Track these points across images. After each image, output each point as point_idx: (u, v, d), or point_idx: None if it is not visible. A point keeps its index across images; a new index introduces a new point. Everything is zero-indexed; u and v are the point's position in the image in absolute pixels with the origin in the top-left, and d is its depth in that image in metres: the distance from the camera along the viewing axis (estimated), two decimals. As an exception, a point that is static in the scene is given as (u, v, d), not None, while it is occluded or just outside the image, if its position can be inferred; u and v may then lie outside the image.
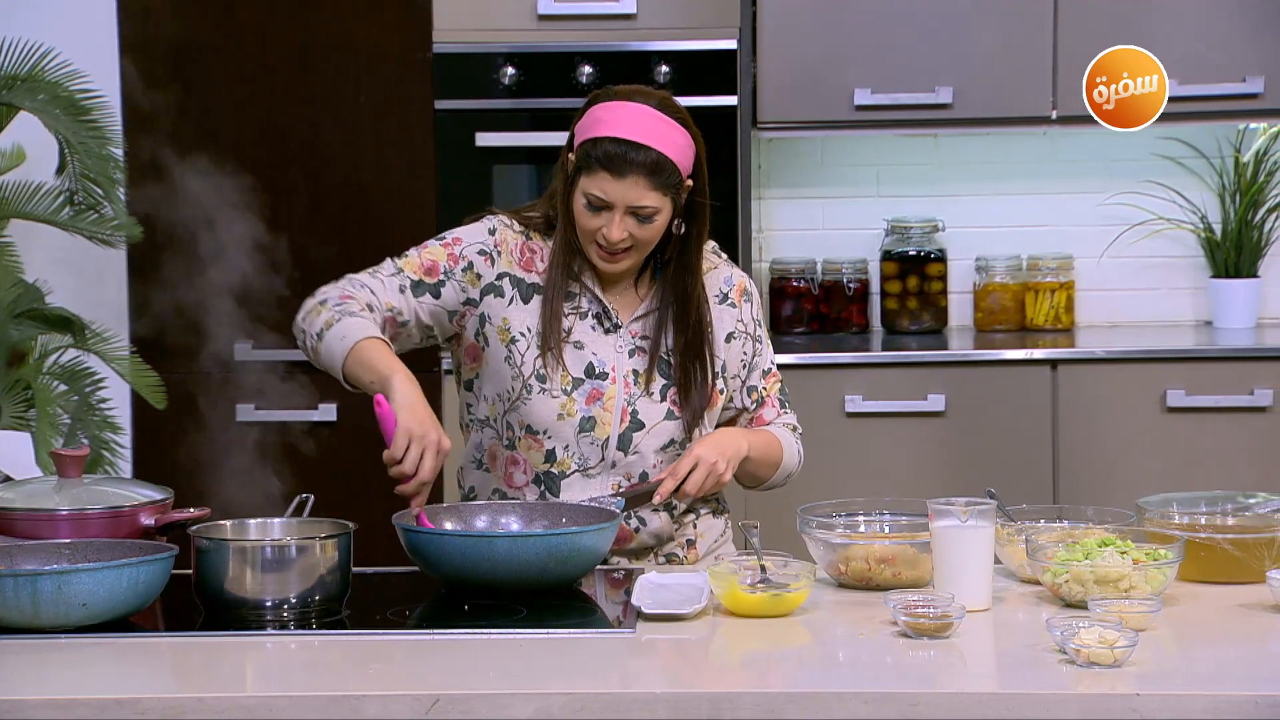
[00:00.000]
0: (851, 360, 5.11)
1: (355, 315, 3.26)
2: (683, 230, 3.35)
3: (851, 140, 5.57)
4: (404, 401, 3.13)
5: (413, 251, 3.38)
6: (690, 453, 3.32)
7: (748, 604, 2.93)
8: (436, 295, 3.36)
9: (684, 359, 3.39)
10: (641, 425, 3.37)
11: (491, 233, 3.40)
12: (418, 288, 3.35)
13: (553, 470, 3.36)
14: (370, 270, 3.37)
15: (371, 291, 3.32)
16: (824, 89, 5.18)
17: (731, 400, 3.48)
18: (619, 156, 3.26)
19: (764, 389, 3.49)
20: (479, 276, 3.37)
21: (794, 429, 3.52)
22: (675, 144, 3.29)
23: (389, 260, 3.38)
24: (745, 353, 3.47)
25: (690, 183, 3.34)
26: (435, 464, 3.11)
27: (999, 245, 5.59)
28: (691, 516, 3.46)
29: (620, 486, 3.37)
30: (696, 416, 3.39)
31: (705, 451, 3.31)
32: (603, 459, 3.36)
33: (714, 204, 3.40)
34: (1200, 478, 4.81)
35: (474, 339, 3.39)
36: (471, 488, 3.44)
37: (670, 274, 3.39)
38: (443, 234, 3.42)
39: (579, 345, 3.37)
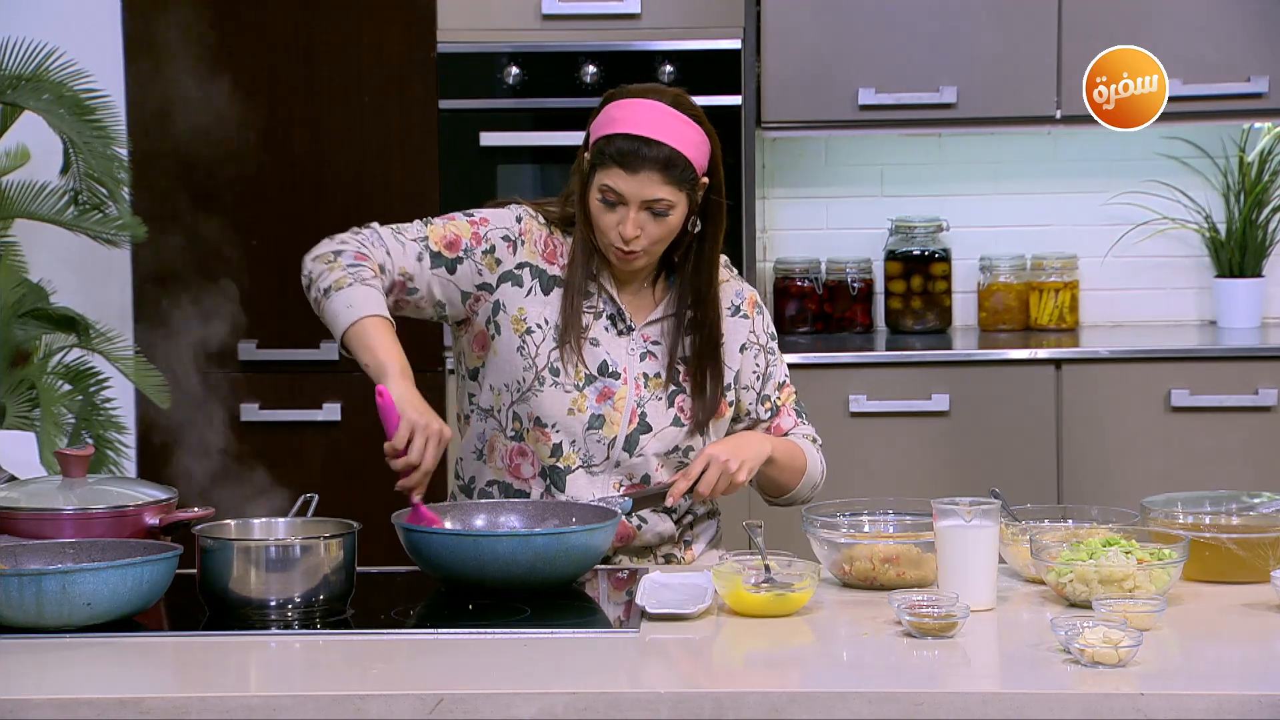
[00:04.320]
0: (855, 360, 5.11)
1: (367, 284, 3.27)
2: (698, 229, 3.36)
3: (856, 140, 5.57)
4: (402, 393, 3.16)
5: (439, 221, 3.38)
6: (704, 453, 3.31)
7: (752, 604, 2.93)
8: (452, 271, 3.36)
9: (699, 360, 3.39)
10: (649, 428, 3.37)
11: (518, 220, 3.40)
12: (436, 259, 3.35)
13: (558, 465, 3.36)
14: (396, 227, 3.37)
15: (388, 252, 3.33)
16: (828, 89, 5.18)
17: (747, 413, 3.47)
18: (632, 153, 3.27)
19: (778, 399, 3.49)
20: (498, 262, 3.38)
21: (814, 440, 3.52)
22: (689, 140, 3.29)
23: (418, 221, 3.38)
24: (758, 364, 3.47)
25: (706, 180, 3.34)
26: (436, 453, 3.14)
27: (1003, 245, 5.58)
28: (689, 518, 3.46)
29: (621, 486, 3.37)
30: (704, 421, 3.39)
31: (718, 451, 3.30)
32: (607, 458, 3.36)
33: (729, 203, 3.41)
34: (1204, 477, 4.81)
35: (484, 326, 3.39)
36: (472, 478, 3.44)
37: (688, 274, 3.39)
38: (471, 211, 3.42)
39: (595, 342, 3.37)
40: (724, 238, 3.48)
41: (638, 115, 3.30)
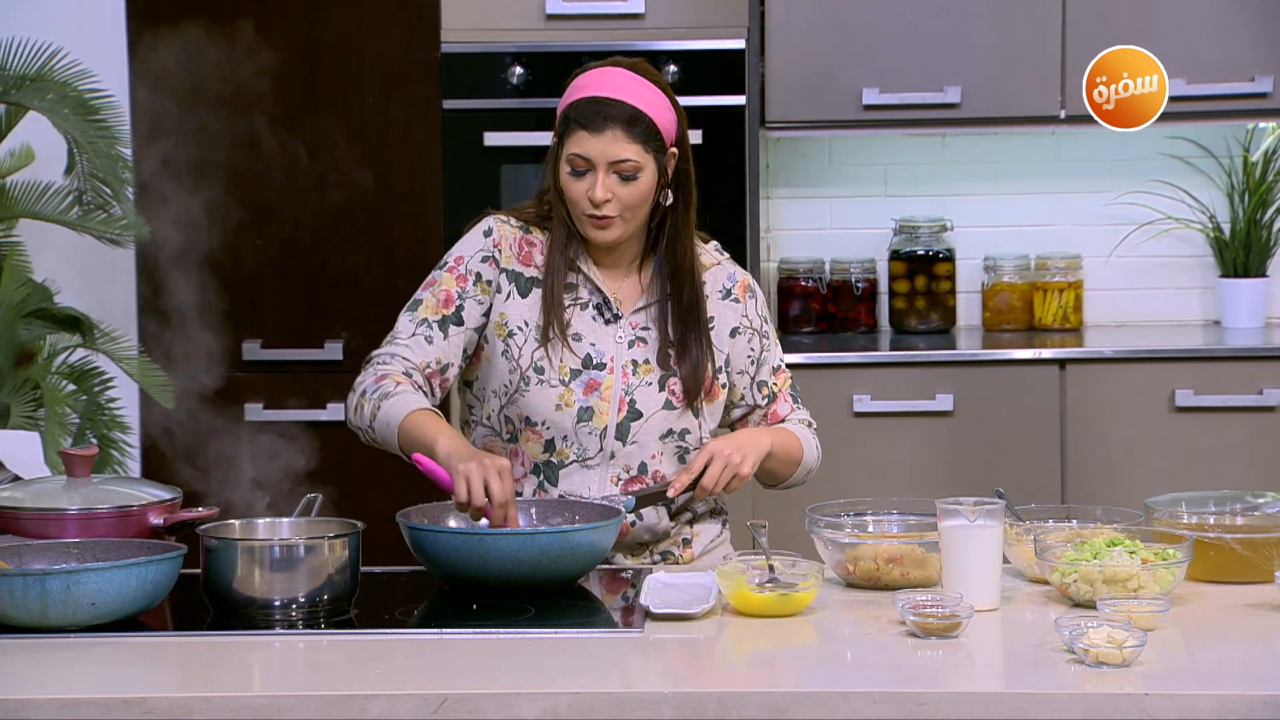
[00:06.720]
0: (859, 360, 5.11)
1: (392, 396, 3.26)
2: (670, 202, 3.36)
3: (859, 140, 5.57)
4: (450, 448, 3.15)
5: (424, 292, 3.38)
6: (705, 448, 3.31)
7: (756, 604, 2.93)
8: (460, 322, 3.36)
9: (681, 328, 3.38)
10: (639, 415, 3.37)
11: (487, 234, 3.41)
12: (444, 325, 3.36)
13: (551, 460, 3.36)
14: (390, 336, 3.37)
15: (403, 359, 3.33)
16: (832, 89, 5.18)
17: (742, 398, 3.47)
18: (595, 113, 3.29)
19: (775, 385, 3.49)
20: (489, 283, 3.38)
21: (809, 424, 3.52)
22: (651, 102, 3.31)
23: (403, 316, 3.37)
24: (752, 348, 3.47)
25: (675, 151, 3.35)
26: (502, 484, 3.11)
27: (1007, 245, 5.58)
28: (687, 515, 3.46)
29: (620, 478, 3.37)
30: (692, 395, 3.38)
31: (721, 446, 3.31)
32: (601, 449, 3.36)
33: (698, 169, 3.41)
34: (1208, 477, 4.81)
35: (479, 337, 3.39)
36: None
37: (663, 249, 3.40)
38: (444, 258, 3.42)
39: (577, 337, 3.37)
40: (722, 237, 3.48)
41: (598, 80, 3.33)
